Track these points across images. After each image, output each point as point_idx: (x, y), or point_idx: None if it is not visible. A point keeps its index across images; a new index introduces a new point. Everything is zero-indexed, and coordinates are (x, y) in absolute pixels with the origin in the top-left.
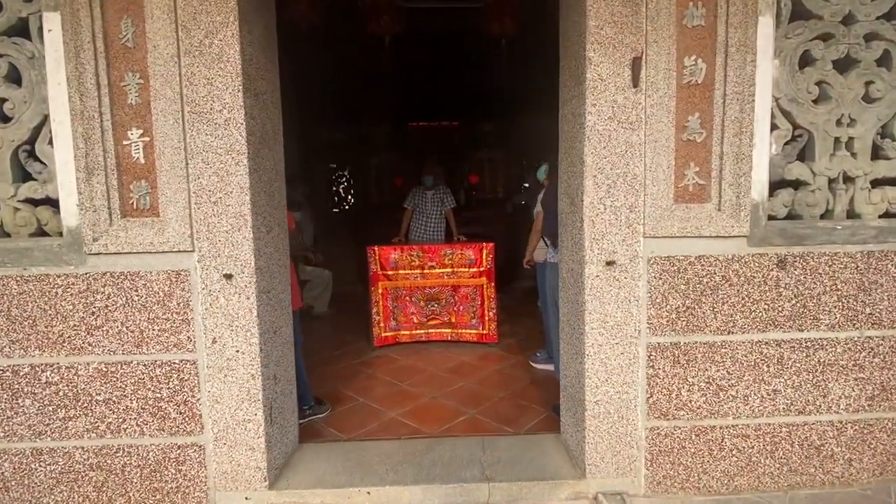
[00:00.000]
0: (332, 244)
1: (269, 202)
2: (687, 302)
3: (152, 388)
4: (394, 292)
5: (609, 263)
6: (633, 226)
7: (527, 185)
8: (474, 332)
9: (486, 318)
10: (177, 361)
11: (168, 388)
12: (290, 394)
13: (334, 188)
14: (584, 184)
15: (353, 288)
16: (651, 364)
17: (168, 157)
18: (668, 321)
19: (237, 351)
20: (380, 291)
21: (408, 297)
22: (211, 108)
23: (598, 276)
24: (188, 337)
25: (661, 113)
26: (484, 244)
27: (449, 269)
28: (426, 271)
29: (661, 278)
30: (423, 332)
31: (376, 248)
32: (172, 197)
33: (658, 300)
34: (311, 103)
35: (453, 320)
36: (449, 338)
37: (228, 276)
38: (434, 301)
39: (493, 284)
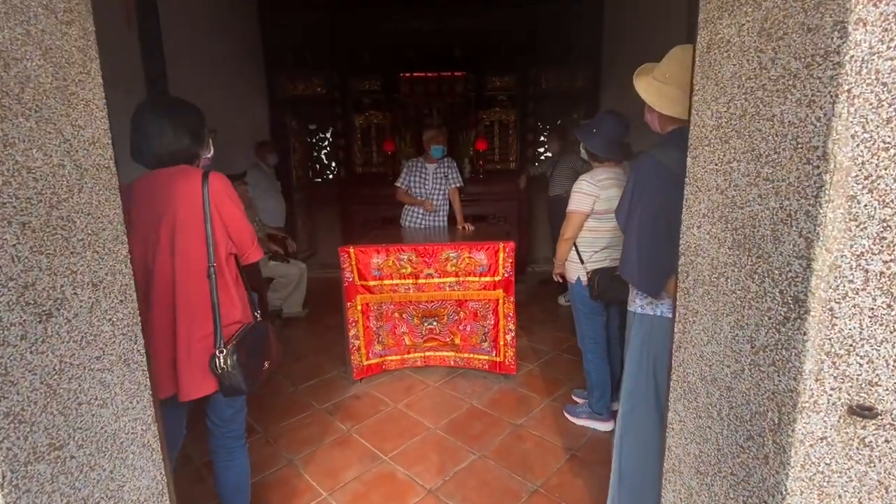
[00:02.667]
0: (313, 221)
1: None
2: None
3: None
4: (377, 309)
5: (858, 412)
6: None
7: (547, 153)
8: (485, 358)
9: (502, 343)
10: None
11: None
12: None
13: (315, 153)
14: (820, 213)
15: (335, 273)
16: None
17: None
18: None
19: None
20: (358, 308)
21: (397, 314)
22: None
23: (825, 437)
24: None
25: None
26: (502, 244)
27: (453, 279)
28: (421, 281)
29: None
30: (417, 356)
31: (351, 250)
32: None
33: None
34: (282, 49)
35: (457, 342)
36: (452, 363)
37: None
38: (432, 318)
39: (512, 299)
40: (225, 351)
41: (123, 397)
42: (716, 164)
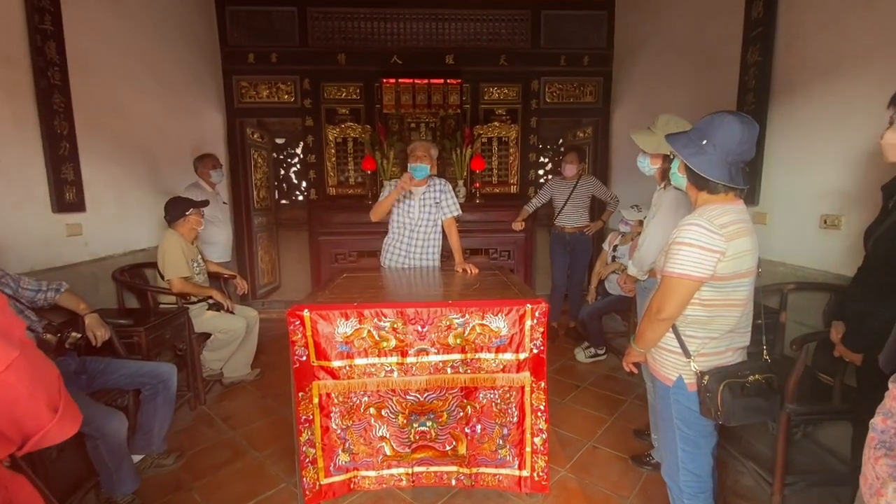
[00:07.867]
0: (277, 250)
1: None
2: None
3: None
4: (344, 402)
5: None
6: None
7: (548, 176)
8: (504, 473)
9: (529, 450)
10: None
11: None
12: None
13: (283, 171)
14: None
15: None
16: None
17: None
18: None
19: None
20: (315, 402)
21: (373, 410)
22: None
23: None
24: None
25: None
26: (529, 306)
27: (458, 356)
28: (410, 360)
29: None
30: (402, 472)
31: (306, 315)
32: None
33: None
34: (242, 47)
35: (462, 451)
36: (453, 482)
37: None
38: (426, 416)
39: (543, 385)
40: None
41: None
42: None
